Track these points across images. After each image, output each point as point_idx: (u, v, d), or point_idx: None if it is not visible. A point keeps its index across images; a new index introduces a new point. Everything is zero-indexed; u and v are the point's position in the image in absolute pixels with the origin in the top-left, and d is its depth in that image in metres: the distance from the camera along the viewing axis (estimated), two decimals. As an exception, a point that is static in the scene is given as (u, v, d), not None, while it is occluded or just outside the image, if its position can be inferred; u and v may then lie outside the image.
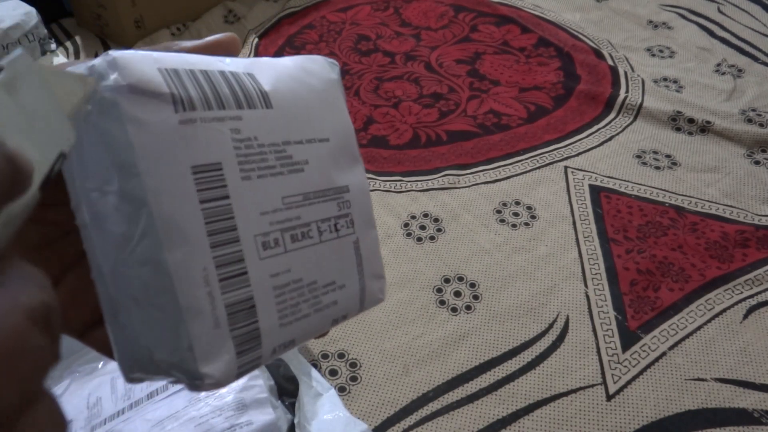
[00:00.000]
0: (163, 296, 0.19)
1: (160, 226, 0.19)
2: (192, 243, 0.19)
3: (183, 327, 0.19)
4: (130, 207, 0.19)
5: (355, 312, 0.26)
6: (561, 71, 1.14)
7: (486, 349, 0.69)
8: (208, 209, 0.20)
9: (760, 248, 0.80)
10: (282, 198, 0.22)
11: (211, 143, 0.20)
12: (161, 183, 0.19)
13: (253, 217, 0.21)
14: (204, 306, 0.20)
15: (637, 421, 0.62)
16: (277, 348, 0.22)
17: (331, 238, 0.24)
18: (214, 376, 0.20)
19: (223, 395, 0.51)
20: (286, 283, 0.22)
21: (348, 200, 0.25)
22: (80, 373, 0.57)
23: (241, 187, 0.21)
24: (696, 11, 1.32)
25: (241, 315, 0.21)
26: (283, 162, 0.22)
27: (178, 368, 0.20)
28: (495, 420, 0.62)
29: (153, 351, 0.20)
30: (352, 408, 0.63)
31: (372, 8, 1.34)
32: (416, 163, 0.94)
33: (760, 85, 1.10)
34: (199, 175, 0.20)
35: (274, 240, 0.22)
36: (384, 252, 0.80)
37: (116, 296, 0.20)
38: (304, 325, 0.23)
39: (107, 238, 0.19)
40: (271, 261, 0.22)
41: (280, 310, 0.22)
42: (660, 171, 0.93)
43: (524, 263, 0.78)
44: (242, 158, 0.21)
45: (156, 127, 0.19)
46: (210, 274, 0.20)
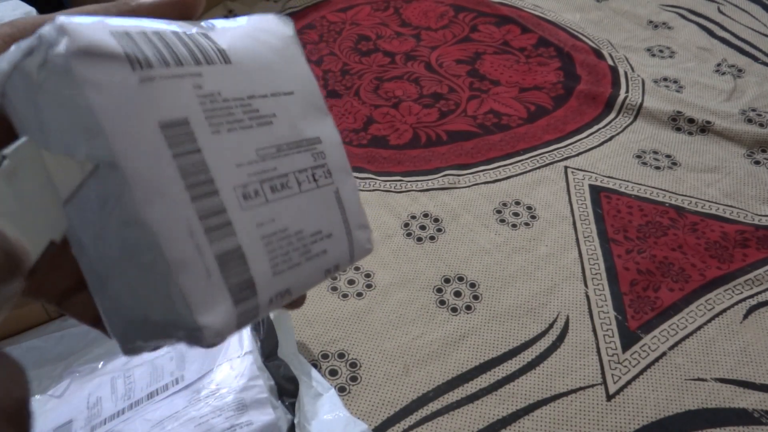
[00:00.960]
0: (148, 254, 0.19)
1: (135, 184, 0.19)
2: (170, 197, 0.19)
3: (174, 282, 0.19)
4: (101, 170, 0.18)
5: (346, 262, 0.26)
6: (561, 71, 1.14)
7: (486, 349, 0.69)
8: (182, 163, 0.20)
9: (760, 248, 0.80)
10: (255, 150, 0.22)
11: (174, 99, 0.20)
12: (129, 142, 0.19)
13: (229, 169, 0.21)
14: (193, 257, 0.19)
15: (637, 421, 0.62)
16: (273, 298, 0.22)
17: (311, 188, 0.24)
18: (214, 325, 0.20)
19: (224, 395, 0.51)
20: (272, 232, 0.22)
21: (322, 151, 0.25)
22: (80, 373, 0.57)
23: (212, 141, 0.20)
24: (696, 11, 1.32)
25: (232, 264, 0.20)
26: (250, 115, 0.22)
27: (176, 325, 0.19)
28: (495, 420, 0.62)
29: (147, 313, 0.20)
30: (352, 408, 0.63)
31: (372, 8, 1.34)
32: (416, 163, 0.94)
33: (760, 85, 1.10)
34: (167, 131, 0.19)
35: (254, 191, 0.22)
36: (384, 252, 0.80)
37: (101, 266, 0.20)
38: (298, 274, 0.23)
39: (84, 205, 0.19)
40: (254, 211, 0.21)
41: (271, 259, 0.22)
42: (660, 171, 0.93)
43: (524, 263, 0.78)
44: (209, 112, 0.21)
45: (115, 88, 0.18)
46: (194, 226, 0.19)
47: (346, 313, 0.72)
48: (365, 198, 0.88)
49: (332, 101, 1.08)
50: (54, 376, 0.58)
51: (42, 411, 0.54)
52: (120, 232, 0.19)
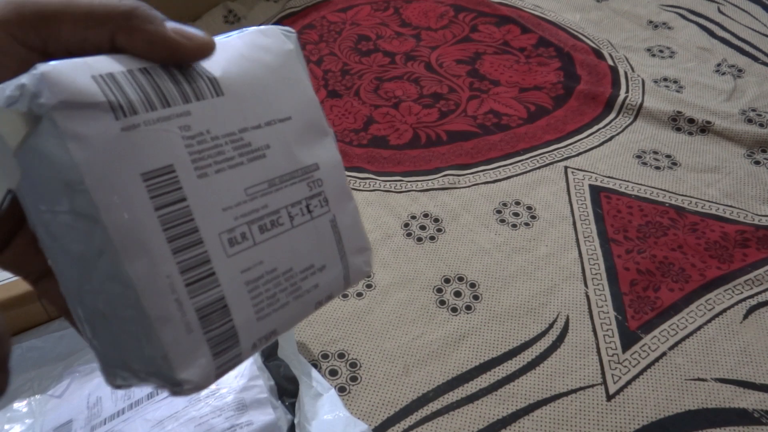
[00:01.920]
0: (130, 309, 0.19)
1: (117, 240, 0.18)
2: (152, 252, 0.19)
3: (155, 337, 0.19)
4: (83, 225, 0.18)
5: (340, 290, 0.25)
6: (561, 71, 1.14)
7: (486, 349, 0.69)
8: (165, 215, 0.19)
9: (760, 248, 0.80)
10: (245, 189, 0.21)
11: (158, 146, 0.19)
12: (111, 196, 0.18)
13: (215, 215, 0.20)
14: (173, 313, 0.19)
15: (637, 421, 0.62)
16: (257, 342, 0.22)
17: (305, 221, 0.23)
18: (193, 380, 0.20)
19: (224, 395, 0.51)
20: (259, 276, 0.21)
21: (319, 178, 0.24)
22: (80, 373, 0.57)
23: (198, 186, 0.20)
24: (696, 11, 1.32)
25: (214, 316, 0.20)
26: (241, 151, 0.21)
27: (156, 376, 0.20)
28: (495, 420, 0.62)
29: (128, 361, 0.20)
30: (352, 408, 0.63)
31: (372, 8, 1.34)
32: (416, 163, 0.94)
33: (760, 85, 1.10)
34: (150, 182, 0.19)
35: (241, 234, 0.21)
36: (384, 252, 0.80)
37: (85, 311, 0.20)
38: (284, 313, 0.23)
39: (67, 257, 0.19)
40: (240, 257, 0.21)
41: (256, 304, 0.21)
42: (660, 171, 0.93)
43: (524, 263, 0.78)
44: (195, 155, 0.20)
45: (97, 140, 0.18)
46: (175, 281, 0.19)
47: (346, 313, 0.72)
48: (365, 198, 0.88)
49: (332, 101, 1.08)
50: (54, 376, 0.58)
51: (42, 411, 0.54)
52: (102, 285, 0.19)
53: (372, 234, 0.82)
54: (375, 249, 0.80)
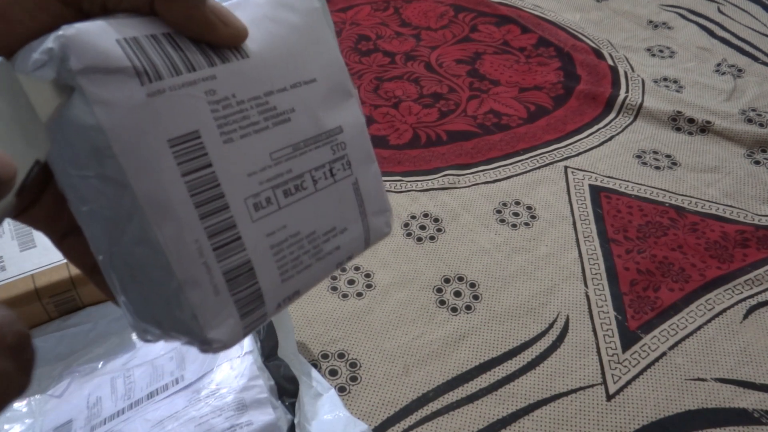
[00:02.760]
0: (159, 272, 0.19)
1: (145, 205, 0.19)
2: (180, 217, 0.19)
3: (184, 298, 0.19)
4: (112, 190, 0.18)
5: (360, 251, 0.25)
6: (561, 71, 1.14)
7: (486, 349, 0.69)
8: (191, 181, 0.19)
9: (760, 248, 0.80)
10: (270, 154, 0.21)
11: (184, 112, 0.19)
12: (139, 162, 0.18)
13: (240, 181, 0.20)
14: (201, 276, 0.20)
15: (637, 421, 0.62)
16: (281, 302, 0.22)
17: (328, 185, 0.23)
18: (221, 339, 0.20)
19: (224, 395, 0.51)
20: (283, 240, 0.22)
21: (342, 141, 0.24)
22: (80, 373, 0.57)
23: (223, 152, 0.20)
24: (696, 11, 1.32)
25: (241, 279, 0.21)
26: (267, 115, 0.21)
27: (186, 334, 0.20)
28: (495, 420, 0.62)
29: (159, 319, 0.20)
30: (352, 408, 0.63)
31: (372, 8, 1.34)
32: (416, 163, 0.94)
33: (760, 85, 1.10)
34: (176, 148, 0.19)
35: (266, 199, 0.21)
36: (384, 252, 0.80)
37: (116, 273, 0.20)
38: (307, 275, 0.23)
39: (97, 220, 0.19)
40: (264, 221, 0.21)
41: (281, 267, 0.22)
42: (660, 171, 0.93)
43: (524, 263, 0.78)
44: (221, 120, 0.20)
45: (124, 105, 0.18)
46: (203, 245, 0.20)
47: (346, 313, 0.72)
48: (365, 198, 0.88)
49: (332, 101, 1.08)
50: (54, 376, 0.58)
51: (42, 411, 0.54)
52: (132, 248, 0.19)
53: (372, 234, 0.82)
54: (375, 249, 0.80)
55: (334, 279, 0.76)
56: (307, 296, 0.74)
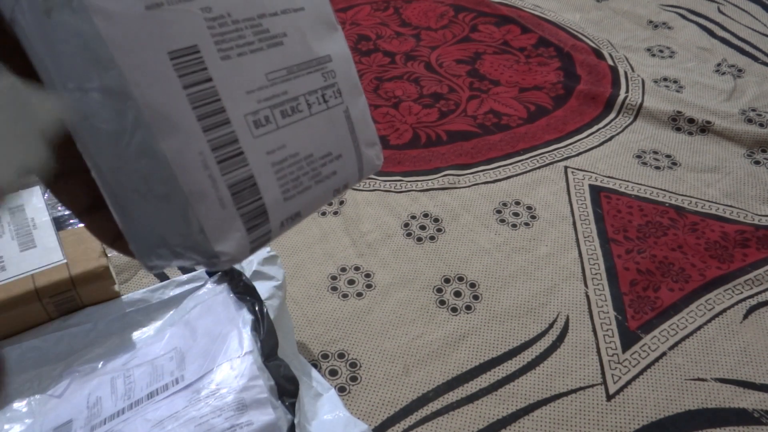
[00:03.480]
0: (165, 185, 0.19)
1: (149, 116, 0.19)
2: (184, 129, 0.19)
3: (191, 211, 0.20)
4: (115, 102, 0.18)
5: (355, 180, 0.26)
6: (561, 71, 1.14)
7: (486, 349, 0.69)
8: (193, 94, 0.20)
9: (760, 248, 0.80)
10: (266, 74, 0.22)
11: (183, 26, 0.19)
12: (141, 73, 0.18)
13: (240, 97, 0.21)
14: (207, 188, 0.20)
15: (637, 421, 0.62)
16: (284, 221, 0.23)
17: (321, 110, 0.24)
18: (229, 252, 0.21)
19: (224, 395, 0.51)
20: (283, 159, 0.22)
21: (332, 70, 0.25)
22: (80, 373, 0.57)
23: (222, 68, 0.20)
24: (696, 11, 1.32)
25: (245, 193, 0.21)
26: (261, 37, 0.22)
27: (194, 249, 0.20)
28: (495, 420, 0.62)
29: (166, 238, 0.20)
30: (352, 408, 0.63)
31: (372, 8, 1.34)
32: (416, 163, 0.94)
33: (760, 85, 1.10)
34: (177, 60, 0.19)
35: (265, 117, 0.22)
36: (384, 252, 0.80)
37: (120, 192, 0.20)
38: (308, 197, 0.24)
39: (99, 135, 0.19)
40: (265, 138, 0.22)
41: (282, 185, 0.22)
42: (660, 171, 0.93)
43: (524, 263, 0.78)
44: (218, 37, 0.20)
45: (124, 16, 0.18)
46: (207, 158, 0.20)
47: (346, 313, 0.72)
48: (365, 198, 0.88)
49: (332, 101, 1.08)
50: (54, 376, 0.58)
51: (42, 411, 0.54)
52: (136, 162, 0.19)
53: (372, 234, 0.82)
54: (375, 249, 0.80)
55: (334, 279, 0.76)
56: (307, 296, 0.74)
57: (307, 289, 0.75)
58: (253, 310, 0.58)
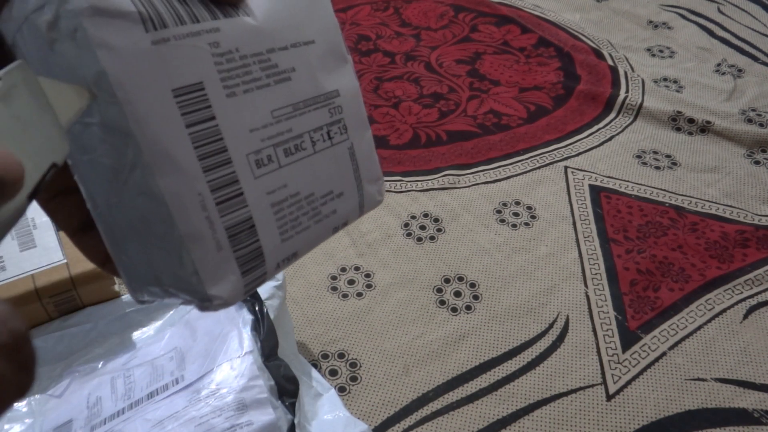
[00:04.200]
0: (161, 225, 0.19)
1: (149, 155, 0.18)
2: (184, 169, 0.19)
3: (186, 253, 0.19)
4: (115, 138, 0.18)
5: (355, 217, 0.25)
6: (561, 71, 1.14)
7: (486, 349, 0.69)
8: (195, 133, 0.19)
9: (760, 248, 0.80)
10: (271, 112, 0.21)
11: (189, 62, 0.19)
12: (143, 110, 0.18)
13: (242, 136, 0.20)
14: (204, 231, 0.19)
15: (637, 421, 0.62)
16: (280, 263, 0.22)
17: (325, 147, 0.23)
18: (222, 297, 0.20)
19: (224, 395, 0.51)
20: (283, 199, 0.22)
21: (339, 105, 0.24)
22: (80, 373, 0.57)
23: (226, 106, 0.20)
24: (696, 11, 1.32)
25: (242, 236, 0.20)
26: (268, 72, 0.21)
27: (187, 291, 0.20)
28: (495, 420, 0.62)
29: (160, 276, 0.20)
30: (352, 408, 0.63)
31: (372, 8, 1.34)
32: (416, 163, 0.94)
33: (760, 85, 1.10)
34: (180, 98, 0.19)
35: (267, 156, 0.21)
36: (384, 252, 0.80)
37: (116, 228, 0.20)
38: (305, 236, 0.23)
39: (97, 170, 0.19)
40: (266, 178, 0.21)
41: (281, 226, 0.22)
42: (660, 171, 0.93)
43: (524, 263, 0.78)
44: (224, 74, 0.20)
45: (128, 51, 0.18)
46: (206, 199, 0.19)
47: (346, 313, 0.72)
48: (365, 198, 0.88)
49: (332, 101, 1.08)
50: (54, 376, 0.58)
51: (42, 411, 0.54)
52: (133, 200, 0.19)
53: (372, 234, 0.82)
54: (375, 249, 0.80)
55: (334, 279, 0.76)
56: (307, 296, 0.74)
57: (307, 289, 0.75)
58: (253, 310, 0.58)
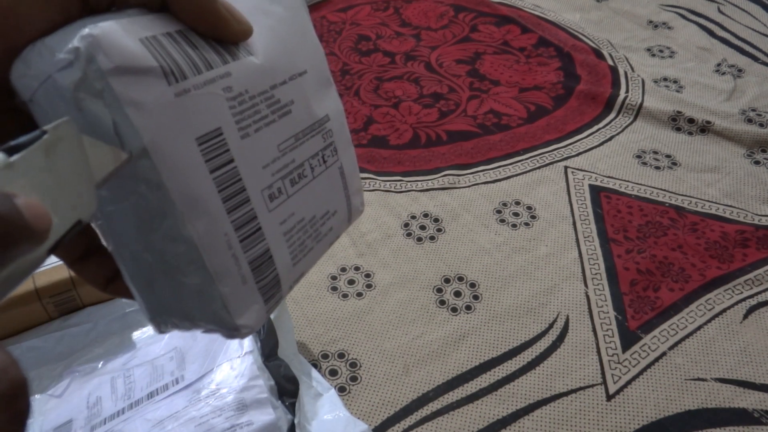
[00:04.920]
0: (192, 266, 0.20)
1: (179, 203, 0.19)
2: (211, 213, 0.20)
3: (215, 290, 0.20)
4: (145, 189, 0.19)
5: (344, 229, 0.27)
6: (561, 71, 1.14)
7: (486, 349, 0.69)
8: (218, 177, 0.20)
9: (760, 248, 0.80)
10: (278, 146, 0.22)
11: (208, 110, 0.20)
12: (173, 162, 0.19)
13: (257, 173, 0.21)
14: (231, 268, 0.20)
15: (637, 421, 0.62)
16: (292, 284, 0.24)
17: (321, 172, 0.25)
18: (249, 325, 0.21)
19: (224, 395, 0.51)
20: (292, 227, 0.23)
21: (330, 129, 0.25)
22: (80, 373, 0.57)
23: (242, 147, 0.21)
24: (696, 11, 1.32)
25: (263, 267, 0.22)
26: (273, 108, 0.22)
27: (215, 323, 0.21)
28: (495, 420, 0.62)
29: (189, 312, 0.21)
30: (352, 408, 0.63)
31: (372, 8, 1.34)
32: (416, 163, 0.94)
33: (760, 85, 1.10)
34: (204, 146, 0.19)
35: (278, 189, 0.22)
36: (384, 252, 0.80)
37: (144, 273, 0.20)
38: (310, 257, 0.24)
39: (125, 219, 0.19)
40: (278, 210, 0.22)
41: (292, 252, 0.23)
42: (660, 171, 0.93)
43: (524, 263, 0.78)
44: (238, 116, 0.21)
45: (154, 106, 0.18)
46: (231, 238, 0.20)
47: (346, 313, 0.72)
48: (365, 198, 0.87)
49: (332, 101, 1.08)
50: (54, 375, 0.58)
51: (42, 411, 0.54)
52: (163, 245, 0.20)
53: (372, 234, 0.82)
54: (375, 249, 0.80)
55: (334, 279, 0.76)
56: (307, 296, 0.74)
57: (307, 289, 0.75)
58: (253, 310, 0.57)
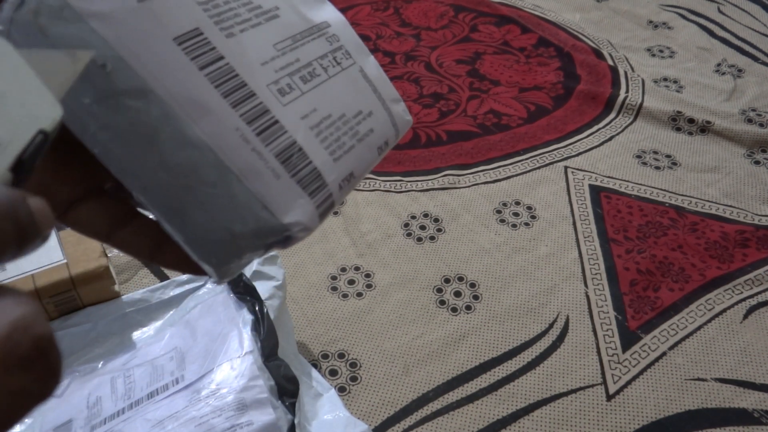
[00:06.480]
0: (213, 171, 0.19)
1: (175, 105, 0.18)
2: (213, 109, 0.19)
3: (246, 190, 0.19)
4: (135, 101, 0.18)
5: (393, 136, 0.26)
6: (561, 71, 1.14)
7: (486, 349, 0.69)
8: (210, 73, 0.19)
9: (760, 248, 0.80)
10: (273, 45, 0.22)
11: (177, 12, 0.19)
12: (154, 64, 0.18)
13: (256, 70, 0.21)
14: (256, 162, 0.19)
15: (637, 421, 0.62)
16: (342, 183, 0.22)
17: (338, 72, 0.24)
18: (301, 221, 0.20)
19: (224, 395, 0.51)
20: (318, 121, 0.22)
21: (334, 34, 0.25)
22: (80, 373, 0.57)
23: (230, 45, 0.20)
24: (696, 11, 1.32)
25: (294, 159, 0.20)
26: (256, 12, 0.22)
27: (264, 231, 0.20)
28: (495, 420, 0.62)
29: (233, 229, 0.19)
30: (352, 408, 0.63)
31: (372, 8, 1.34)
32: (416, 163, 0.94)
33: (760, 85, 1.10)
34: (184, 45, 0.19)
35: (287, 85, 0.22)
36: (384, 252, 0.80)
37: (168, 197, 0.19)
38: (355, 156, 0.23)
39: (128, 143, 0.19)
40: (294, 105, 0.21)
41: (327, 147, 0.22)
42: (660, 171, 0.93)
43: (524, 263, 0.78)
44: (216, 18, 0.20)
45: (118, 14, 0.18)
46: (245, 132, 0.19)
47: (346, 313, 0.72)
48: (365, 198, 0.88)
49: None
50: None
51: (42, 410, 0.54)
52: (176, 157, 0.19)
53: (372, 234, 0.82)
54: (375, 249, 0.80)
55: (334, 279, 0.76)
56: (307, 296, 0.74)
57: (307, 289, 0.75)
58: (254, 310, 0.58)
